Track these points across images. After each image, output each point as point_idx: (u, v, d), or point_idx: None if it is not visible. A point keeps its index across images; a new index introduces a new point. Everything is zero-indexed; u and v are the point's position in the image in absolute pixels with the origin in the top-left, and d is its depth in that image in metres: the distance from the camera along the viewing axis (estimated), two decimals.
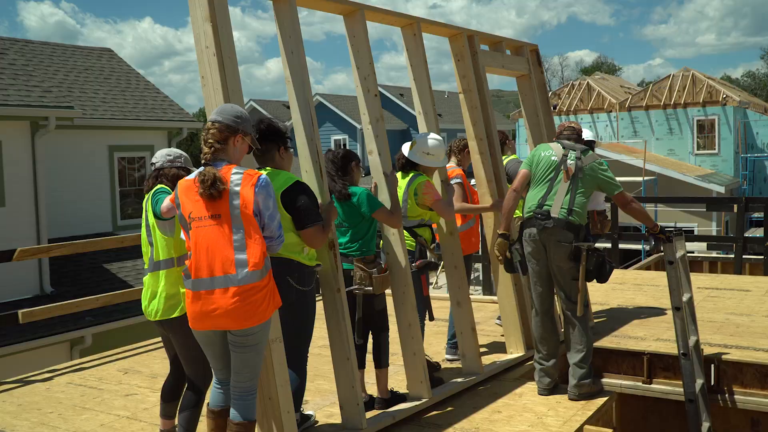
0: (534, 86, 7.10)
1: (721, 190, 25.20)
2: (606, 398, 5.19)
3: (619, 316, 7.45)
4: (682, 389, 5.94)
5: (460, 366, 5.66)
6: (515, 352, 6.15)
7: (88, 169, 14.07)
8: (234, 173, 3.54)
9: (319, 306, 4.48)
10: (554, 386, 5.30)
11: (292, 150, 4.33)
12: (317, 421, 4.77)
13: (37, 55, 15.31)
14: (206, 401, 3.93)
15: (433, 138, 5.34)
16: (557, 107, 30.87)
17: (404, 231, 5.16)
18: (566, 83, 34.75)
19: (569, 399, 5.16)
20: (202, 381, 4.17)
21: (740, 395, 5.80)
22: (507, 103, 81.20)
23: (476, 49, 6.23)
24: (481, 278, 9.75)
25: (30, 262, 11.12)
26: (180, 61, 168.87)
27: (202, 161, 3.60)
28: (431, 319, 5.30)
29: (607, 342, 6.48)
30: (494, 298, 7.76)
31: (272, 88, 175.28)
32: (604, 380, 5.97)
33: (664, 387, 6.08)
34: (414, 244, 5.28)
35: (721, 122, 28.76)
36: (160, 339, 7.26)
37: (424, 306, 5.26)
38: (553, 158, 5.34)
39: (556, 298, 5.47)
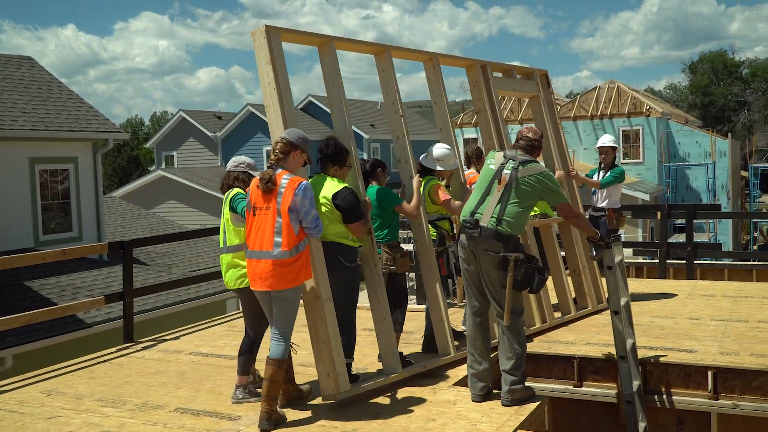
0: (543, 106, 8.19)
1: (646, 197, 26.05)
2: (538, 403, 5.25)
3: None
4: (611, 391, 6.08)
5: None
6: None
7: (8, 183, 13.51)
8: (284, 178, 4.83)
9: None
10: (487, 392, 5.33)
11: (348, 167, 5.50)
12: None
13: None
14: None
15: (443, 148, 6.46)
16: None
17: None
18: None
19: (502, 405, 5.19)
20: (256, 332, 5.49)
21: (666, 395, 5.97)
22: None
23: (488, 76, 7.37)
24: (414, 287, 9.79)
25: None
26: (106, 70, 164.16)
27: (267, 165, 4.93)
28: (448, 296, 6.31)
29: (538, 347, 6.57)
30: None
31: (203, 98, 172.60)
32: (536, 385, 6.04)
33: (594, 389, 6.21)
34: (436, 234, 6.33)
35: (645, 132, 29.77)
36: (86, 358, 7.07)
37: (441, 284, 6.18)
38: (491, 167, 5.40)
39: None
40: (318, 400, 5.35)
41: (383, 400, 5.39)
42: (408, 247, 8.20)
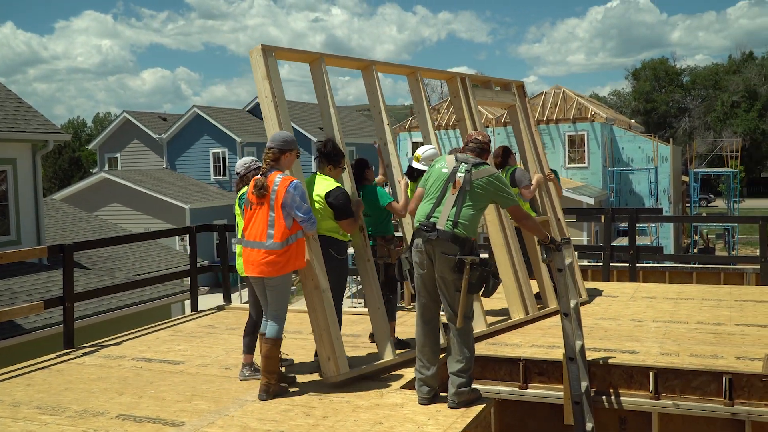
0: (520, 114, 8.79)
1: (591, 201, 26.54)
2: (484, 405, 5.28)
3: (496, 324, 7.63)
4: (556, 392, 6.16)
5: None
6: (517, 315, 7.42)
7: None
8: (278, 177, 5.40)
9: None
10: (434, 395, 5.34)
11: (341, 168, 6.03)
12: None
13: None
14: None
15: (430, 149, 6.93)
16: (437, 123, 31.58)
17: None
18: (445, 99, 35.61)
19: (449, 407, 5.21)
20: (259, 315, 5.90)
21: (609, 395, 6.08)
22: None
23: (467, 87, 7.92)
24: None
25: None
26: (46, 69, 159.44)
27: (260, 172, 5.49)
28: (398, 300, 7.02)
29: (484, 350, 6.62)
30: None
31: (148, 99, 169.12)
32: (483, 387, 6.09)
33: (539, 391, 6.27)
34: None
35: (590, 137, 30.36)
36: (24, 364, 6.87)
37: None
38: (444, 171, 5.42)
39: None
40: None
41: (330, 403, 5.36)
42: None
